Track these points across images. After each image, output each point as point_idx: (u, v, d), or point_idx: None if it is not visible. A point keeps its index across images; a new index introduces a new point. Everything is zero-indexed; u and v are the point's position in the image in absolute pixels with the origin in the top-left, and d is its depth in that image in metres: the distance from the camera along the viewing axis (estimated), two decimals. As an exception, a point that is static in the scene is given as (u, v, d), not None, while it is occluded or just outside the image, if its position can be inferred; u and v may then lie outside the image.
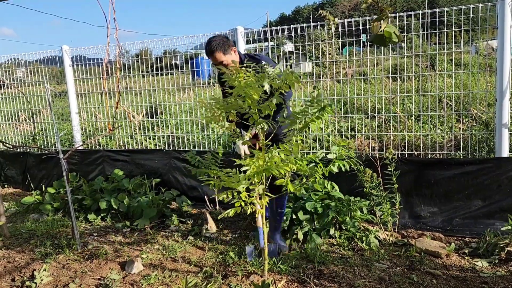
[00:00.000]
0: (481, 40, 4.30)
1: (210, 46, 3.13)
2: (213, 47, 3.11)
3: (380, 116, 4.52)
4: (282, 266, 2.94)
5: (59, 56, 5.60)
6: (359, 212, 3.60)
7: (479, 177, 3.60)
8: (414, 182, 3.80)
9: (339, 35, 4.29)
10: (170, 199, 4.45)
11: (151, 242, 3.66)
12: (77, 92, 5.66)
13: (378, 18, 1.68)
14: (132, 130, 5.67)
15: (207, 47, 3.16)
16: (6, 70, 6.49)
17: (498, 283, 2.68)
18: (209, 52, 3.15)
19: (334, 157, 2.53)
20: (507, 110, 3.54)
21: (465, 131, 4.59)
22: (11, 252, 3.54)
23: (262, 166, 2.29)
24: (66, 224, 4.24)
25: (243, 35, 4.52)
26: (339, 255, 3.22)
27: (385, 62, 4.49)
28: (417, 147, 4.50)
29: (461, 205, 3.67)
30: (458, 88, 4.58)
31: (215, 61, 3.16)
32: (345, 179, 3.91)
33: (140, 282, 2.86)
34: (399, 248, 3.31)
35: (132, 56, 6.57)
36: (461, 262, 3.06)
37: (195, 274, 2.97)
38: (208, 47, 3.14)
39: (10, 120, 6.46)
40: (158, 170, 4.93)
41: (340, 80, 4.60)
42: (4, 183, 6.08)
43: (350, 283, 2.73)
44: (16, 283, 2.94)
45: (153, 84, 5.42)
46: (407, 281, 2.76)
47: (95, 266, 3.16)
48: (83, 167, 5.39)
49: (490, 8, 3.59)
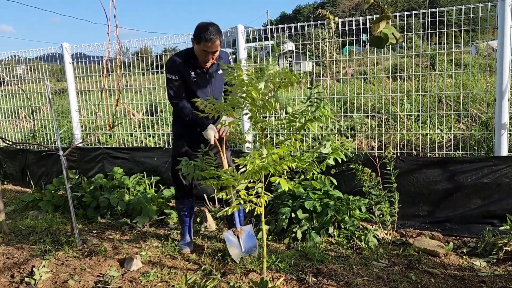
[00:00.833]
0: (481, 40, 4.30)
1: (214, 30, 2.89)
2: (217, 33, 2.90)
3: (379, 116, 4.53)
4: (280, 264, 2.95)
5: (59, 54, 5.60)
6: (358, 211, 3.61)
7: (478, 176, 3.61)
8: (413, 181, 3.81)
9: (339, 34, 4.30)
10: (169, 197, 4.46)
11: (150, 239, 3.67)
12: (77, 90, 5.66)
13: (379, 19, 1.68)
14: (132, 128, 5.67)
15: (211, 30, 2.88)
16: (6, 67, 6.49)
17: (496, 282, 2.69)
18: (212, 36, 2.88)
19: (329, 150, 2.55)
20: (507, 110, 3.55)
21: (464, 131, 4.60)
22: (11, 249, 3.54)
23: (260, 165, 2.30)
24: (65, 221, 4.24)
25: (243, 33, 4.52)
26: (337, 253, 3.23)
27: (385, 61, 4.49)
28: (416, 147, 4.51)
29: (460, 205, 3.68)
30: (458, 88, 4.58)
31: (213, 48, 2.94)
32: (344, 178, 3.92)
33: (139, 279, 2.87)
34: (398, 247, 3.32)
35: (132, 54, 6.57)
36: (459, 261, 3.07)
37: (194, 271, 2.98)
38: (212, 31, 2.88)
39: (10, 117, 6.46)
40: (157, 168, 4.93)
41: (340, 79, 4.61)
42: (3, 179, 6.08)
43: (348, 281, 2.74)
44: (15, 279, 2.95)
45: (153, 82, 5.42)
46: (405, 280, 2.76)
47: (94, 263, 3.17)
48: (82, 164, 5.39)
49: (491, 8, 3.59)
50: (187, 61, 3.09)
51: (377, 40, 1.70)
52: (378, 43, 1.71)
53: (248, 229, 3.29)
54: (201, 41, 2.93)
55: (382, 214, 3.47)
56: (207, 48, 2.95)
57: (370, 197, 3.50)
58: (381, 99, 4.46)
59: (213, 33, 2.90)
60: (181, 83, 3.09)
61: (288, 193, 3.74)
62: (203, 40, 2.91)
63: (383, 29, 1.65)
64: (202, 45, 2.94)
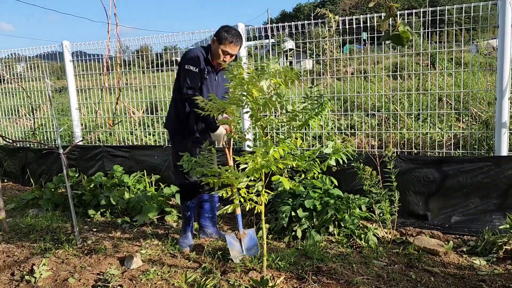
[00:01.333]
0: (482, 39, 4.29)
1: (238, 34, 3.07)
2: (240, 38, 3.07)
3: (380, 114, 4.53)
4: (280, 263, 2.95)
5: (60, 52, 5.60)
6: (358, 209, 3.61)
7: (478, 175, 3.61)
8: (413, 180, 3.81)
9: (339, 32, 4.29)
10: (169, 195, 4.46)
11: (150, 238, 3.67)
12: (77, 88, 5.66)
13: (388, 16, 1.67)
14: (132, 126, 5.67)
15: (236, 33, 3.06)
16: (6, 65, 6.48)
17: (496, 281, 2.69)
18: (237, 39, 3.06)
19: (330, 151, 2.55)
20: (507, 109, 3.54)
21: (464, 129, 4.59)
22: (11, 247, 3.54)
23: (261, 163, 2.30)
24: (65, 220, 4.25)
25: (244, 32, 4.51)
26: (337, 252, 3.23)
27: (386, 60, 4.49)
28: (416, 145, 4.51)
29: (460, 204, 3.68)
30: (458, 87, 4.58)
31: (234, 50, 3.09)
32: (345, 176, 3.92)
33: (139, 278, 2.87)
34: (398, 246, 3.32)
35: (132, 52, 6.56)
36: (459, 260, 3.07)
37: (194, 270, 2.98)
38: (237, 34, 3.06)
39: (10, 115, 6.45)
40: (157, 166, 4.93)
41: (341, 78, 4.60)
42: (3, 178, 6.08)
43: (348, 280, 2.74)
44: (16, 278, 2.95)
45: (153, 81, 5.42)
46: (405, 279, 2.77)
47: (94, 261, 3.17)
48: (82, 162, 5.40)
49: (491, 7, 3.59)
50: (205, 57, 3.16)
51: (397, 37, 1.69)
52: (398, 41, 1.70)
53: (251, 233, 3.27)
54: (225, 41, 3.05)
55: (382, 212, 3.47)
56: (229, 49, 3.07)
57: (371, 195, 3.50)
58: (381, 98, 4.46)
59: (238, 36, 3.08)
60: (199, 76, 3.12)
61: (288, 192, 3.74)
62: (227, 40, 3.04)
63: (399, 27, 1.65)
64: (224, 45, 3.06)
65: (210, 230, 3.60)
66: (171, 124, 3.35)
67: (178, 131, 3.31)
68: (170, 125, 3.37)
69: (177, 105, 3.25)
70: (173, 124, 3.33)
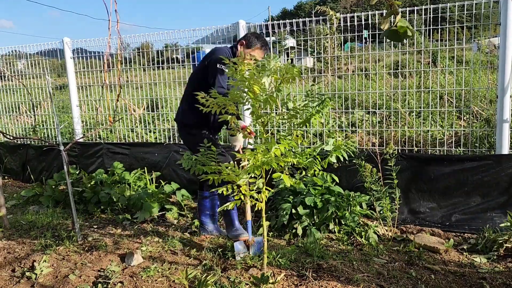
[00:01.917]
0: (483, 37, 4.28)
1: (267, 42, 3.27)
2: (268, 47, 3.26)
3: (381, 112, 4.52)
4: (281, 260, 2.95)
5: (60, 49, 5.59)
6: (359, 207, 3.61)
7: (478, 173, 3.61)
8: (413, 178, 3.81)
9: (341, 30, 4.28)
10: (170, 193, 4.46)
11: (151, 234, 3.67)
12: (77, 85, 5.66)
13: (389, 13, 1.61)
14: (133, 123, 5.67)
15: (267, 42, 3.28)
16: (6, 62, 6.48)
17: (496, 279, 2.69)
18: (266, 47, 3.26)
19: (331, 148, 2.55)
20: (508, 107, 3.54)
21: (465, 127, 4.59)
22: (12, 243, 3.55)
23: (262, 160, 2.30)
24: (66, 216, 4.25)
25: (244, 29, 4.51)
26: (338, 249, 3.23)
27: (387, 58, 4.48)
28: (417, 143, 4.50)
29: (461, 201, 3.68)
30: (459, 85, 4.57)
31: (260, 57, 3.21)
32: (345, 174, 3.92)
33: (139, 274, 2.88)
34: (398, 244, 3.32)
35: (133, 50, 6.56)
36: (459, 258, 3.08)
37: (195, 266, 2.98)
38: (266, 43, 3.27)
39: (11, 112, 6.45)
40: (158, 164, 4.93)
41: (342, 75, 4.60)
42: (4, 174, 6.09)
43: (348, 277, 2.74)
44: (16, 274, 2.95)
45: (154, 78, 5.41)
46: (405, 276, 2.77)
47: (95, 258, 3.17)
48: (83, 159, 5.40)
49: (493, 5, 3.58)
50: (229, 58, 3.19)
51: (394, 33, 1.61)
52: (395, 37, 1.62)
53: (260, 240, 3.19)
54: (254, 47, 3.19)
55: (382, 210, 3.47)
56: (257, 54, 3.20)
57: (371, 193, 3.50)
58: (382, 96, 4.45)
59: (266, 44, 3.25)
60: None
61: (289, 189, 3.74)
62: (257, 47, 3.19)
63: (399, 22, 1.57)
64: (252, 50, 3.19)
65: (211, 227, 3.61)
66: (187, 118, 3.31)
67: (197, 124, 3.28)
68: (186, 118, 3.32)
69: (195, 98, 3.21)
70: (190, 117, 3.28)
